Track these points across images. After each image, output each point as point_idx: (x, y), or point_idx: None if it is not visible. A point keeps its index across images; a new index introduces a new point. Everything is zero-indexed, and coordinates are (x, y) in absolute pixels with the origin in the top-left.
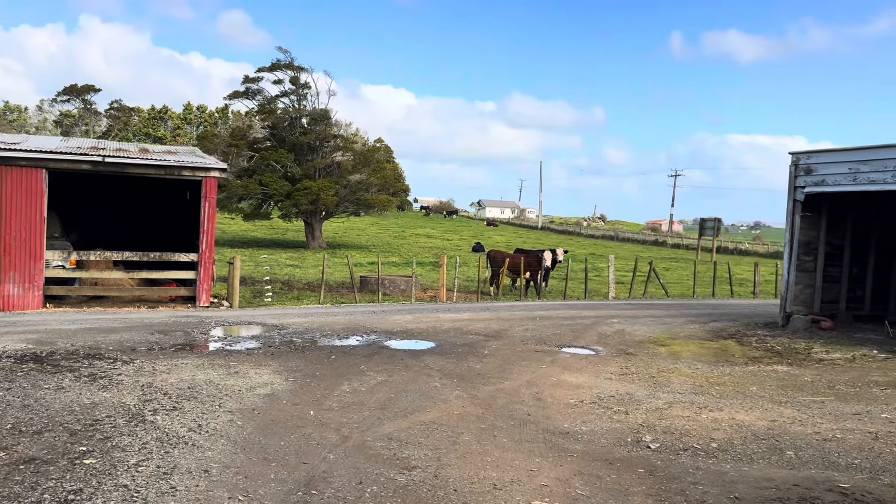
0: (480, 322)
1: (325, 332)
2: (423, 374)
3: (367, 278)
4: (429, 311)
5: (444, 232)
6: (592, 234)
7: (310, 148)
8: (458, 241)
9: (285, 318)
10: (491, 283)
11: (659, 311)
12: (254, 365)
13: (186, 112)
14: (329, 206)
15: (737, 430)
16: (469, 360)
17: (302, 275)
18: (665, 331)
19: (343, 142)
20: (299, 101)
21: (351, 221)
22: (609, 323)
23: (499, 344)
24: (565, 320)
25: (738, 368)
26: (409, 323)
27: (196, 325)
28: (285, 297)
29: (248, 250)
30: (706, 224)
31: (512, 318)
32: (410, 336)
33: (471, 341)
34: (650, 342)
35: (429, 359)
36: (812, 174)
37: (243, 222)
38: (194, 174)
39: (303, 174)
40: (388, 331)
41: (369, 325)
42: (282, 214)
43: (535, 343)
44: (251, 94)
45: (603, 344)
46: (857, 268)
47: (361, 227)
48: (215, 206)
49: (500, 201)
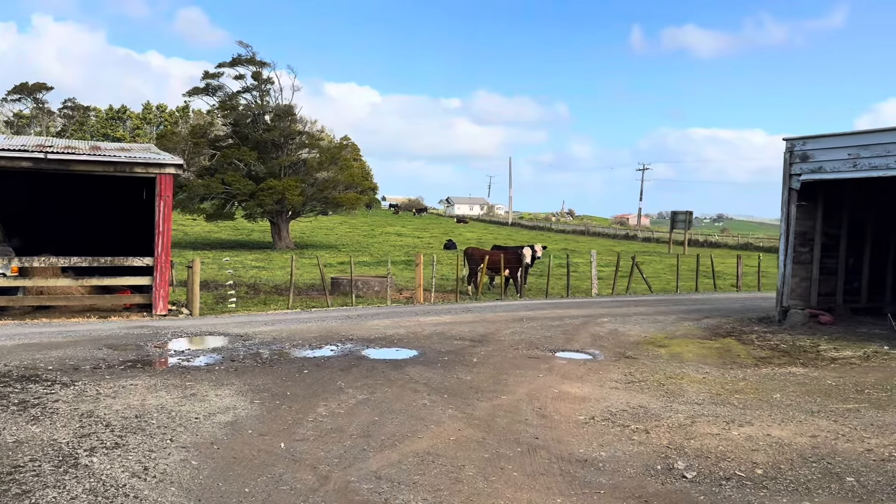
0: (464, 325)
1: (295, 341)
2: (409, 389)
3: (338, 280)
4: (407, 315)
5: (414, 230)
6: (563, 229)
7: (274, 145)
8: (429, 239)
9: (251, 327)
10: (469, 282)
11: (647, 307)
12: (214, 384)
13: (146, 112)
14: (296, 206)
15: (779, 451)
16: (458, 371)
17: (269, 277)
18: (659, 330)
19: (309, 139)
20: (262, 97)
21: (319, 221)
22: (600, 322)
23: (487, 350)
24: (553, 321)
25: (750, 371)
26: (387, 328)
27: (150, 337)
28: (251, 301)
29: (212, 252)
30: (678, 217)
31: (497, 319)
32: (390, 343)
33: (456, 347)
34: (647, 343)
35: (413, 370)
36: (808, 161)
37: (206, 223)
38: (147, 171)
39: (267, 172)
40: (364, 338)
41: (344, 332)
42: (246, 214)
43: (526, 347)
44: (212, 91)
45: (598, 347)
46: (853, 258)
47: (330, 227)
48: (171, 205)
49: (469, 198)
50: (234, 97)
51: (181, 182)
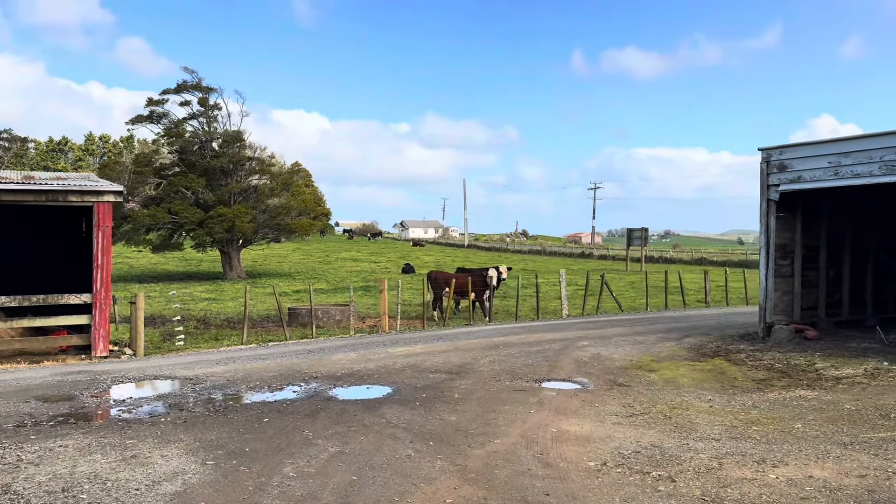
0: (437, 355)
1: (252, 383)
2: (388, 436)
3: (296, 310)
4: (374, 346)
5: (370, 255)
6: (520, 249)
7: (223, 172)
8: (385, 264)
9: (202, 367)
10: (434, 307)
11: (623, 328)
12: (159, 441)
13: (88, 143)
14: (247, 233)
15: (832, 499)
16: (439, 410)
17: (220, 309)
18: (643, 352)
19: (259, 164)
20: (209, 123)
21: (271, 248)
22: (580, 346)
23: (468, 383)
24: (531, 346)
25: (756, 397)
26: (354, 362)
27: (87, 385)
28: (201, 338)
29: (159, 285)
30: (634, 234)
31: (471, 347)
32: (359, 380)
33: (433, 381)
34: (635, 368)
35: (389, 411)
36: (787, 171)
37: (152, 255)
38: (83, 199)
39: (217, 200)
40: (330, 375)
41: (307, 370)
42: (195, 244)
43: (508, 378)
44: (156, 118)
45: (585, 374)
46: (833, 270)
47: (283, 254)
48: (111, 236)
49: (424, 221)
50: (179, 124)
51: (125, 213)
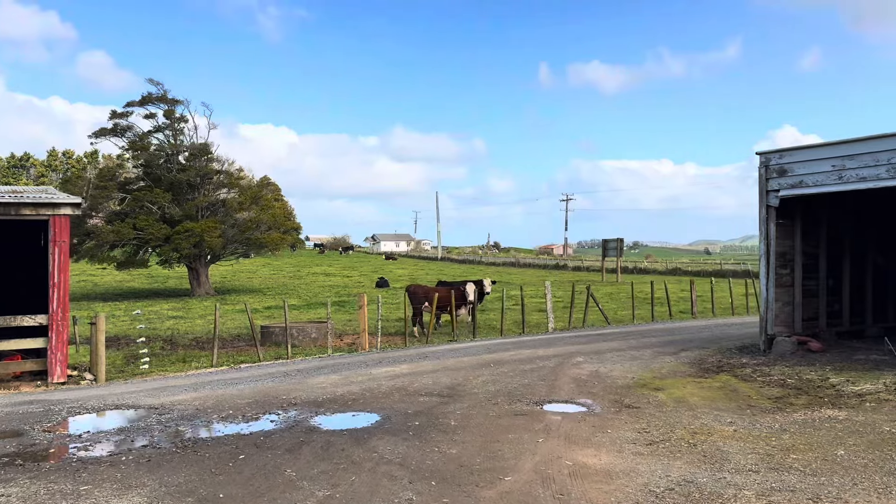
0: (426, 376)
1: (224, 411)
2: (383, 474)
3: (269, 328)
4: (356, 366)
5: (342, 269)
6: (493, 261)
7: (190, 186)
8: (358, 278)
9: (168, 394)
10: (414, 323)
11: (615, 342)
12: (119, 487)
13: (51, 158)
14: (215, 249)
15: None
16: (437, 441)
17: (188, 328)
18: (642, 368)
19: (228, 178)
20: (175, 136)
21: (240, 264)
22: (576, 363)
23: (463, 407)
24: (523, 364)
25: (780, 418)
26: (335, 386)
27: (40, 418)
28: (167, 360)
29: (124, 303)
30: (609, 245)
31: (460, 366)
32: (343, 406)
33: (425, 407)
34: (639, 386)
35: (381, 444)
36: (787, 175)
37: (117, 272)
38: (38, 212)
39: (184, 215)
40: (311, 401)
41: (285, 395)
42: (161, 261)
43: (507, 401)
44: (120, 131)
45: (588, 394)
46: (832, 279)
47: (252, 270)
48: (68, 252)
49: (395, 234)
50: (144, 137)
51: (88, 229)
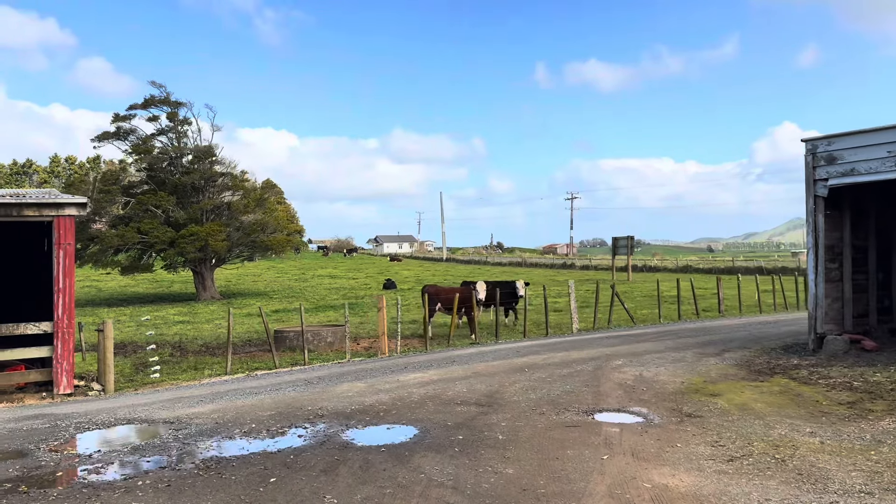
0: (457, 382)
1: (246, 425)
2: (436, 500)
3: (283, 332)
4: (381, 372)
5: (347, 271)
6: (499, 261)
7: (194, 189)
8: (364, 280)
9: (183, 406)
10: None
11: (650, 343)
12: None
13: (53, 165)
14: (220, 252)
15: None
16: (488, 458)
17: (195, 333)
18: (689, 371)
19: (232, 180)
20: (179, 138)
21: (245, 267)
22: (615, 367)
23: (506, 418)
24: (559, 368)
25: (866, 427)
26: (363, 394)
27: (46, 435)
28: (178, 367)
29: (129, 308)
30: (619, 242)
31: (491, 371)
32: (375, 418)
33: (465, 418)
34: (692, 392)
35: (426, 462)
36: (837, 163)
37: (122, 277)
38: (41, 213)
39: (188, 218)
40: (339, 412)
41: (310, 406)
42: (166, 265)
43: (553, 411)
44: (123, 135)
45: (639, 402)
46: (882, 273)
47: (257, 273)
48: (73, 255)
49: (398, 236)
50: (148, 140)
51: (92, 234)
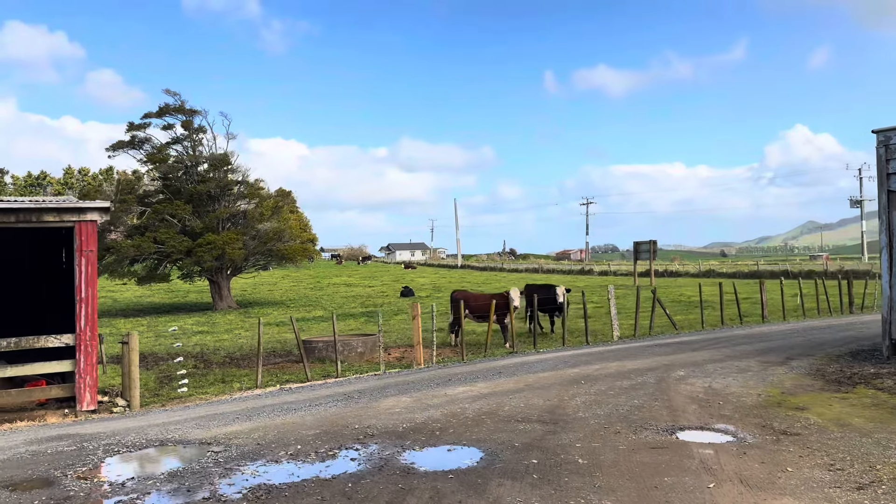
0: (511, 396)
1: (291, 447)
2: None
3: (311, 342)
4: (424, 385)
5: (362, 279)
6: (516, 268)
7: (210, 197)
8: (381, 288)
9: (219, 424)
10: (452, 331)
11: (704, 351)
12: None
13: (67, 176)
14: (237, 261)
15: None
16: (577, 488)
17: (217, 344)
18: (760, 381)
19: (248, 188)
20: (194, 147)
21: (260, 276)
22: (679, 378)
23: (579, 438)
24: (617, 380)
25: None
26: (411, 410)
27: (72, 459)
28: (204, 380)
29: (145, 319)
30: (641, 247)
31: (544, 383)
32: (432, 438)
33: (532, 438)
34: (773, 405)
35: (505, 493)
36: None
37: (137, 287)
38: (62, 219)
39: (204, 227)
40: (390, 431)
41: (356, 424)
42: (183, 274)
43: (628, 429)
44: (138, 143)
45: (721, 417)
46: None
47: (272, 282)
48: (96, 262)
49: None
50: (163, 149)
51: (108, 244)
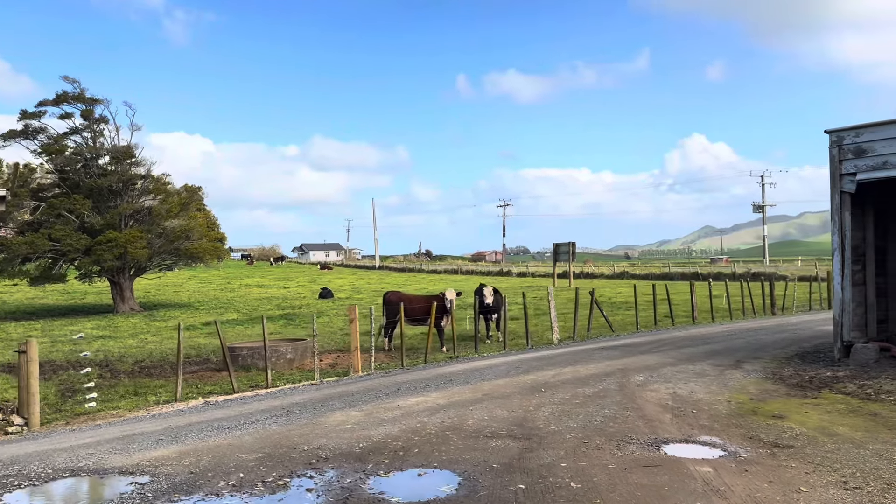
0: (472, 408)
1: (232, 475)
2: None
3: (234, 349)
4: (372, 396)
5: (276, 280)
6: (435, 269)
7: (112, 192)
8: (297, 289)
9: (140, 447)
10: (384, 334)
11: (653, 354)
12: None
13: None
14: (141, 260)
15: None
16: None
17: (123, 350)
18: (722, 386)
19: (154, 183)
20: (94, 138)
21: (165, 277)
22: (640, 384)
23: (560, 456)
24: (578, 386)
25: None
26: (365, 426)
27: None
28: (114, 392)
29: (39, 322)
30: (560, 249)
31: (501, 392)
32: (396, 460)
33: (508, 457)
34: (748, 413)
35: None
36: (866, 156)
37: (30, 288)
38: None
39: (105, 224)
40: (346, 452)
41: (304, 444)
42: (80, 275)
43: (610, 444)
44: (32, 133)
45: (701, 427)
46: None
47: (178, 283)
48: None
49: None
50: (60, 139)
51: None
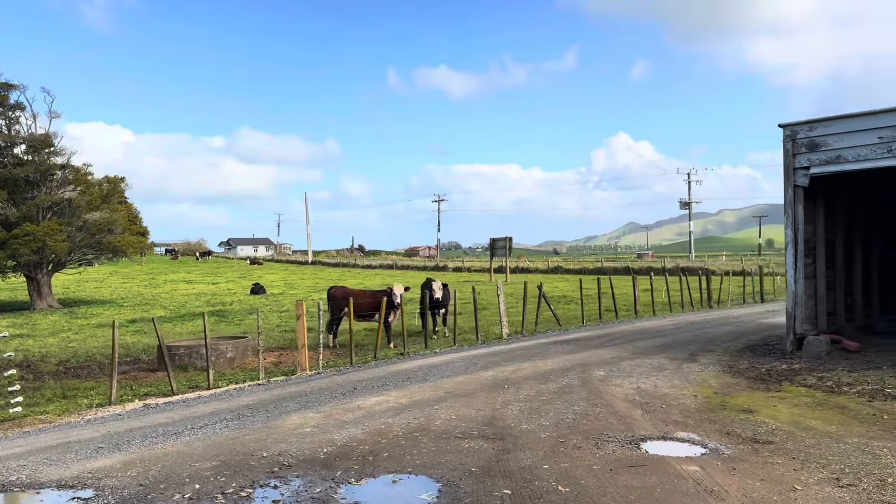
0: (437, 407)
1: (186, 487)
2: None
3: (173, 348)
4: (328, 396)
5: (203, 276)
6: (369, 264)
7: (28, 183)
8: (226, 285)
9: (79, 458)
10: (329, 330)
11: (607, 348)
12: None
13: None
14: (60, 254)
15: None
16: None
17: (43, 350)
18: (684, 381)
19: (74, 174)
20: (10, 125)
21: (85, 272)
22: (602, 379)
23: (538, 457)
24: (541, 382)
25: None
26: (325, 430)
27: None
28: (40, 395)
29: None
30: (497, 244)
31: (463, 389)
32: (366, 465)
33: (485, 459)
34: (717, 407)
35: None
36: (819, 150)
37: None
38: None
39: (21, 216)
40: (310, 458)
41: (262, 451)
42: None
43: (587, 442)
44: None
45: (675, 423)
46: (845, 269)
47: (99, 278)
48: None
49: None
50: None
51: None
